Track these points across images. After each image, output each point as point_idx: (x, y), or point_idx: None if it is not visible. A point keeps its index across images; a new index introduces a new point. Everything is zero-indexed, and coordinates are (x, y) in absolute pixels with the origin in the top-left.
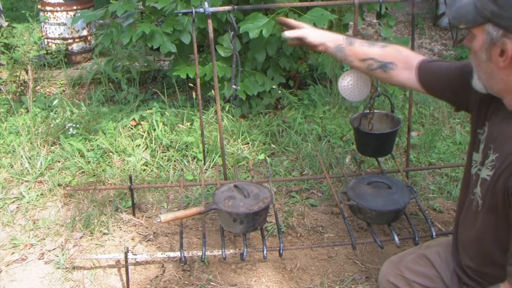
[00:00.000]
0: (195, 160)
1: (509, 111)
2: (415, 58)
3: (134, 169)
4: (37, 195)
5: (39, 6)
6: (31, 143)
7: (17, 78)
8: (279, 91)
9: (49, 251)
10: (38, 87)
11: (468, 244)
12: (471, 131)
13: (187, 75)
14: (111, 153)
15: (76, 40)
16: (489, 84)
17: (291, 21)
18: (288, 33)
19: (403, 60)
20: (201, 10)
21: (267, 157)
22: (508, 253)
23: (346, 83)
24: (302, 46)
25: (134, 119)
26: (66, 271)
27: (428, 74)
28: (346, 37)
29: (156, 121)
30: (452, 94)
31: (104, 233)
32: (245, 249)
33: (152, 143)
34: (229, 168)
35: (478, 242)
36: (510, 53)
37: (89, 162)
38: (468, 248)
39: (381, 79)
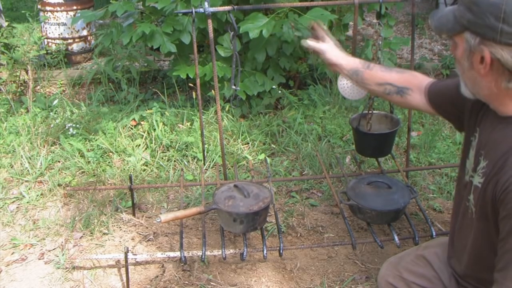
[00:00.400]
0: (195, 160)
1: (498, 116)
2: (426, 81)
3: (134, 169)
4: (37, 195)
5: (39, 6)
6: (31, 143)
7: (17, 78)
8: (279, 91)
9: (49, 251)
10: (38, 87)
11: (465, 251)
12: (465, 138)
13: (187, 75)
14: (111, 153)
15: (76, 40)
16: (475, 90)
17: (321, 30)
18: (309, 43)
19: (417, 84)
20: (201, 10)
21: (267, 157)
22: (495, 259)
23: (346, 82)
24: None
25: (134, 119)
26: (66, 271)
27: (435, 94)
28: (364, 61)
29: (156, 121)
30: (455, 110)
31: (104, 233)
32: (245, 249)
33: (152, 143)
34: (229, 168)
35: (475, 248)
36: (488, 60)
37: (89, 162)
38: (466, 255)
39: (397, 104)
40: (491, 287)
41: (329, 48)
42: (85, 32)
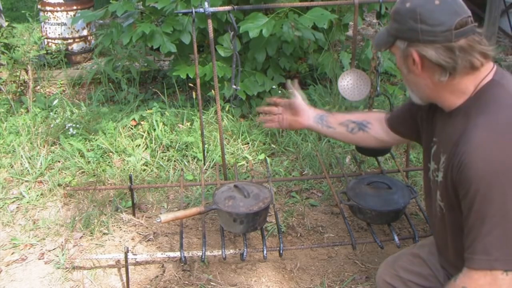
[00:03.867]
0: (195, 160)
1: (446, 113)
2: (384, 113)
3: (134, 169)
4: (37, 195)
5: (39, 6)
6: (31, 143)
7: (17, 78)
8: (279, 91)
9: (49, 251)
10: (38, 87)
11: (448, 249)
12: (424, 148)
13: (187, 75)
14: (111, 153)
15: (76, 40)
16: (420, 93)
17: (292, 87)
18: (277, 100)
19: (376, 117)
20: (201, 10)
21: (267, 157)
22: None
23: (346, 83)
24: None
25: (134, 119)
26: (66, 271)
27: (394, 118)
28: (326, 110)
29: (156, 121)
30: (415, 124)
31: (104, 233)
32: (245, 249)
33: (152, 143)
34: (229, 168)
35: (455, 242)
36: (417, 59)
37: (89, 162)
38: (449, 252)
39: (366, 143)
40: None
41: (297, 100)
42: (85, 32)
